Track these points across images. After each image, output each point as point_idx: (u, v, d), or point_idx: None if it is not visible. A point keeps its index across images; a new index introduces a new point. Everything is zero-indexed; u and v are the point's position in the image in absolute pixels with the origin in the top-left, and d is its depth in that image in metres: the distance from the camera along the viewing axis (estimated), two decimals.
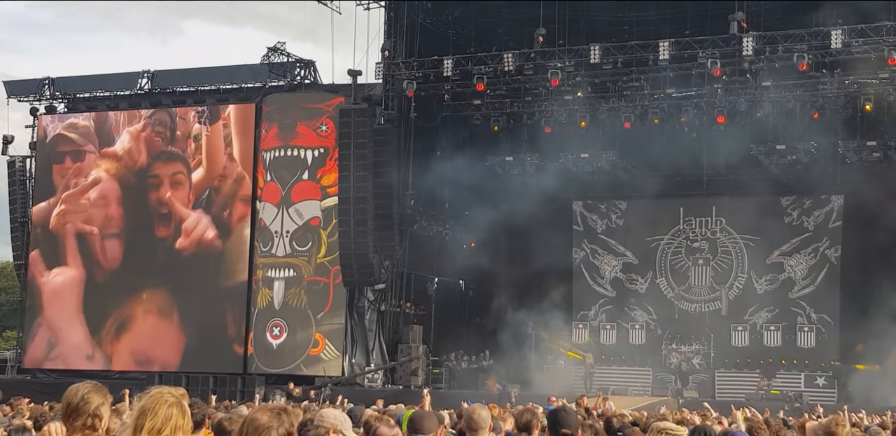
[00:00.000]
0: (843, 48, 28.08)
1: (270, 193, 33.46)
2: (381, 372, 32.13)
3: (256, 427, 4.30)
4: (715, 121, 32.59)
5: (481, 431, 6.38)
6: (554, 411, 6.66)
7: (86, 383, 4.82)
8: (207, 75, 36.54)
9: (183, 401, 4.60)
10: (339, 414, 6.68)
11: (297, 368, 32.25)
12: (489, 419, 6.49)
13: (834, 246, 34.27)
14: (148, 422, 4.37)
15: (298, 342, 32.44)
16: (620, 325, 36.02)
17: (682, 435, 5.14)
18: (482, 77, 31.20)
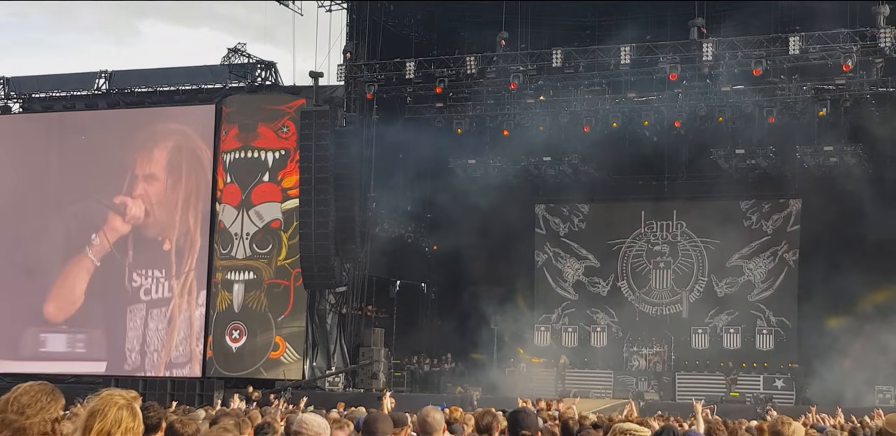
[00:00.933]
0: (800, 54, 28.32)
1: (230, 194, 33.29)
2: (342, 375, 32.04)
3: None
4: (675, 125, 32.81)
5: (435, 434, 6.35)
6: (513, 413, 6.66)
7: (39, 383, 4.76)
8: (166, 76, 36.29)
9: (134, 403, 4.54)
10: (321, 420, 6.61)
11: (257, 371, 32.10)
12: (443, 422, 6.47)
13: (792, 250, 34.58)
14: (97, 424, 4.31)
15: (258, 346, 32.29)
16: (582, 328, 36.14)
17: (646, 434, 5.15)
18: (443, 80, 31.21)
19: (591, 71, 30.92)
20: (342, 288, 32.65)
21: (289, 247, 32.40)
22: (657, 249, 36.09)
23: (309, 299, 32.43)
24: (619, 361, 34.29)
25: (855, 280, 29.91)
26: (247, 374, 32.10)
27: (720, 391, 31.25)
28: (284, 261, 32.52)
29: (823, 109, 30.42)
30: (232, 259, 32.98)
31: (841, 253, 31.69)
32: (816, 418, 15.14)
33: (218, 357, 32.77)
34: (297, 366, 32.09)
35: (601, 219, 36.84)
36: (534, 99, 33.08)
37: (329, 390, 31.07)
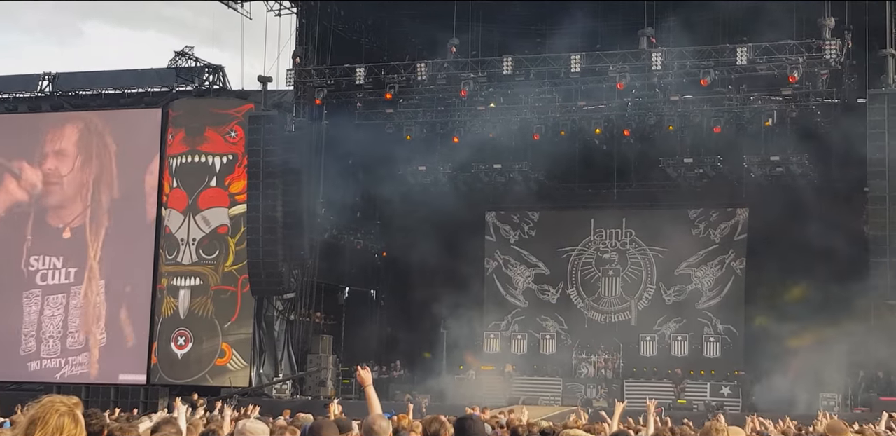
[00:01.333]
0: (748, 65, 28.57)
1: (176, 199, 32.98)
2: (289, 383, 31.82)
3: None
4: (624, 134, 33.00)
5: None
6: (460, 420, 6.60)
7: None
8: (112, 79, 35.87)
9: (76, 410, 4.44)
10: (263, 427, 6.52)
11: (203, 378, 31.80)
12: (389, 430, 6.38)
13: (739, 258, 34.85)
14: (38, 431, 4.22)
15: (204, 352, 31.99)
16: (532, 335, 36.17)
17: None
18: (393, 86, 31.13)
19: (541, 78, 30.96)
20: (290, 294, 32.44)
21: (236, 253, 32.16)
22: (606, 256, 36.23)
23: (256, 306, 32.21)
24: (568, 368, 34.35)
25: (801, 288, 30.23)
26: (192, 381, 31.79)
27: (668, 398, 31.37)
28: (231, 267, 32.27)
29: (770, 120, 30.70)
30: (178, 265, 32.66)
31: (787, 262, 31.99)
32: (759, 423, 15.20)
33: (163, 364, 32.42)
34: (243, 373, 31.83)
35: (551, 226, 36.92)
36: (484, 106, 33.10)
37: (276, 398, 30.84)
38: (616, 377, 33.47)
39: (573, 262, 36.57)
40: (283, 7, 33.25)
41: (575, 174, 35.68)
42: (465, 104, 33.21)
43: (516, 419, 12.73)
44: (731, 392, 31.74)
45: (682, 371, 32.99)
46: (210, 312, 32.21)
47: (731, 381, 32.31)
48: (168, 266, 32.91)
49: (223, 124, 32.94)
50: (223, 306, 32.23)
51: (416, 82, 31.15)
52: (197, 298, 32.37)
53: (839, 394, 28.69)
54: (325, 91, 31.56)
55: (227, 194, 32.62)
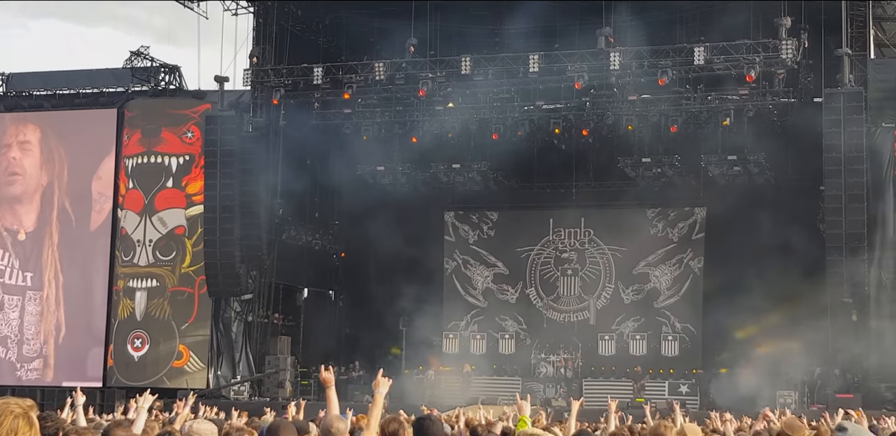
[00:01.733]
0: (705, 65, 28.71)
1: (132, 200, 32.68)
2: (247, 384, 31.60)
3: None
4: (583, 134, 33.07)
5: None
6: (420, 420, 6.54)
7: None
8: (66, 79, 35.47)
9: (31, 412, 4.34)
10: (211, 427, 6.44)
11: (160, 380, 31.52)
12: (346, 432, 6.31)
13: (697, 257, 35.01)
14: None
15: (161, 354, 31.72)
16: (491, 335, 36.15)
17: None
18: (351, 86, 31.02)
19: (499, 78, 30.96)
20: (248, 296, 32.25)
21: (193, 254, 31.91)
22: (565, 256, 36.28)
23: (214, 307, 31.98)
24: (528, 367, 34.35)
25: (758, 287, 30.39)
26: (149, 383, 31.43)
27: (627, 397, 31.44)
28: (188, 268, 32.02)
29: (727, 119, 30.87)
30: (134, 266, 32.37)
31: (744, 260, 32.17)
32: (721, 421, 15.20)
33: (119, 366, 32.12)
34: (201, 375, 31.60)
35: (510, 226, 36.93)
36: (442, 105, 33.04)
37: (234, 399, 30.60)
38: (575, 377, 33.53)
39: (532, 261, 36.60)
40: (239, 6, 33.06)
41: (534, 174, 35.72)
42: (423, 104, 33.15)
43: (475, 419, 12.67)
44: (689, 390, 31.88)
45: (641, 369, 33.09)
46: (167, 313, 31.95)
47: (690, 379, 32.45)
48: (124, 268, 32.60)
49: (179, 125, 32.68)
50: (180, 308, 31.97)
51: (374, 82, 31.05)
52: (153, 300, 32.09)
53: (796, 392, 28.88)
54: (282, 91, 31.40)
55: (183, 195, 32.37)
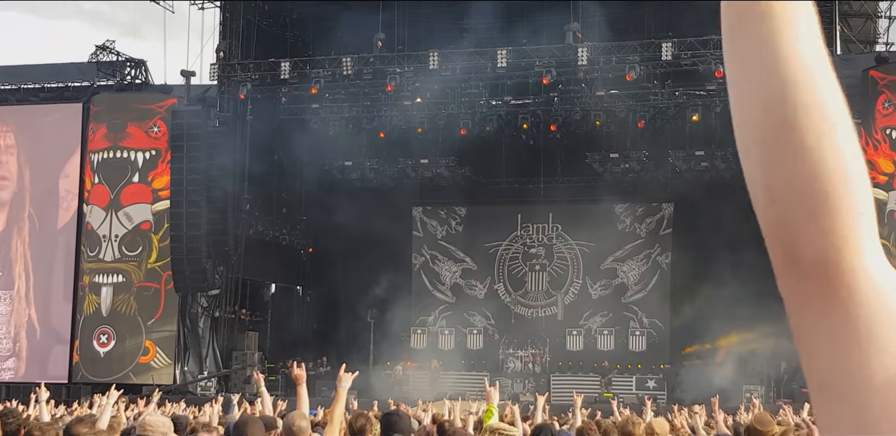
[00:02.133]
0: (672, 60, 28.79)
1: (98, 195, 32.43)
2: (214, 380, 31.46)
3: None
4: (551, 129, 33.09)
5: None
6: (387, 415, 6.52)
7: None
8: (32, 73, 35.15)
9: None
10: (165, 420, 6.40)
11: (126, 376, 31.31)
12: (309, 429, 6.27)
13: (665, 253, 35.14)
14: None
15: (127, 350, 31.52)
16: (459, 330, 36.15)
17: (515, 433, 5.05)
18: (318, 81, 30.90)
19: (467, 73, 30.93)
20: (215, 291, 32.10)
21: (159, 249, 31.72)
22: (533, 251, 36.32)
23: (180, 303, 31.81)
24: (496, 363, 34.37)
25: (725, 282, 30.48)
26: (115, 379, 31.25)
27: (594, 392, 31.51)
28: (155, 263, 31.82)
29: (696, 114, 30.97)
30: (100, 262, 32.13)
31: (712, 255, 32.29)
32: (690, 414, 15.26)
33: (85, 362, 31.89)
34: (167, 371, 31.43)
35: (478, 221, 36.92)
36: (410, 101, 32.97)
37: (201, 395, 30.43)
38: (543, 372, 33.56)
39: (500, 257, 36.62)
40: (205, 1, 32.86)
41: (502, 169, 35.70)
42: (391, 99, 33.06)
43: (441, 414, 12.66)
44: (656, 385, 31.97)
45: (608, 364, 33.15)
46: (133, 309, 31.74)
47: (657, 374, 32.56)
48: (90, 263, 32.36)
49: (146, 119, 32.46)
50: (146, 304, 31.78)
51: (342, 77, 30.96)
52: (120, 296, 31.87)
53: (762, 386, 29.06)
54: (249, 86, 31.25)
55: (149, 190, 32.16)
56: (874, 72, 28.51)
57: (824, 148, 1.06)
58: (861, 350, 1.04)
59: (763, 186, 1.10)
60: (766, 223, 1.12)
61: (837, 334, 1.06)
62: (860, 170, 1.09)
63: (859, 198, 1.08)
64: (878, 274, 1.07)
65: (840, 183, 1.06)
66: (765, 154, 1.09)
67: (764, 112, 1.08)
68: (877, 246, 1.09)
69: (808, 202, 1.07)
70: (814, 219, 1.06)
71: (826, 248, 1.07)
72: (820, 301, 1.07)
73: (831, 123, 1.07)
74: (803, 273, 1.08)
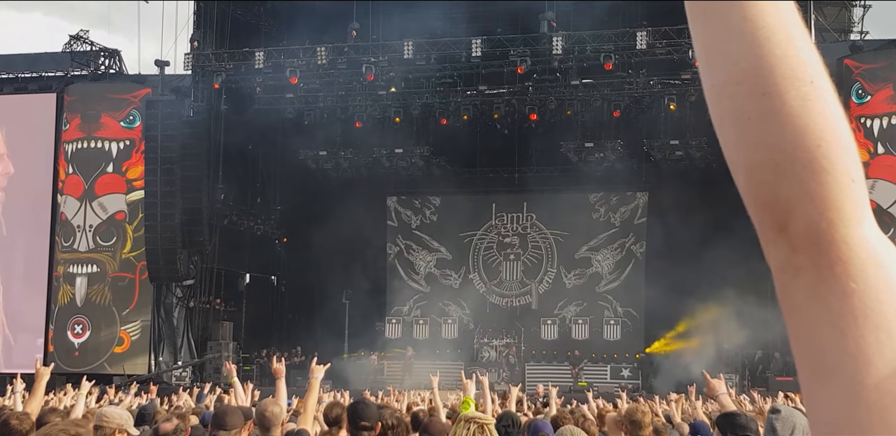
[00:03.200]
0: (647, 49, 28.84)
1: (72, 186, 32.27)
2: (188, 370, 31.39)
3: None
4: (526, 118, 33.09)
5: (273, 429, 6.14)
6: (353, 404, 6.53)
7: None
8: (5, 63, 34.91)
9: None
10: (122, 412, 6.40)
11: (101, 366, 31.21)
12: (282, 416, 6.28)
13: (639, 242, 35.26)
14: None
15: (102, 340, 31.41)
16: (434, 320, 36.18)
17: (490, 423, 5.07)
18: (295, 70, 30.80)
19: (442, 63, 30.90)
20: (189, 281, 32.02)
21: (134, 239, 31.60)
22: (507, 241, 36.37)
23: (155, 293, 31.71)
24: (470, 352, 34.41)
25: (699, 271, 30.61)
26: (90, 369, 31.14)
27: (569, 381, 31.64)
28: (129, 254, 31.70)
29: (672, 103, 31.05)
30: (74, 252, 31.99)
31: (686, 245, 32.40)
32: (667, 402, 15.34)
33: (59, 352, 31.75)
34: (142, 361, 31.35)
35: (453, 211, 36.93)
36: (385, 90, 32.93)
37: (175, 385, 30.36)
38: (518, 361, 33.63)
39: (475, 246, 36.67)
40: None
41: (476, 159, 35.72)
42: (365, 88, 33.02)
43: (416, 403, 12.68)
44: (630, 374, 32.11)
45: (581, 353, 33.24)
46: (108, 299, 31.63)
47: (631, 363, 32.69)
48: (64, 253, 32.21)
49: (120, 109, 32.29)
50: (121, 294, 31.67)
51: (316, 66, 30.87)
52: (94, 286, 31.74)
53: (736, 375, 29.22)
54: (223, 75, 31.15)
55: (124, 180, 32.02)
56: (849, 60, 28.64)
57: (809, 113, 1.01)
58: (857, 328, 0.97)
59: (747, 161, 1.05)
60: (751, 195, 1.06)
61: (831, 311, 0.99)
62: (847, 134, 1.03)
63: (850, 164, 1.02)
64: (876, 246, 1.00)
65: (829, 150, 1.00)
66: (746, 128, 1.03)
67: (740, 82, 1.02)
68: (871, 217, 1.02)
69: (797, 171, 1.00)
70: (804, 188, 1.00)
71: (818, 218, 1.00)
72: (812, 275, 1.00)
73: (814, 87, 1.01)
74: (794, 246, 1.01)
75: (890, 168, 27.57)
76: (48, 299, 32.59)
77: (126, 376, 30.45)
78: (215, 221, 32.76)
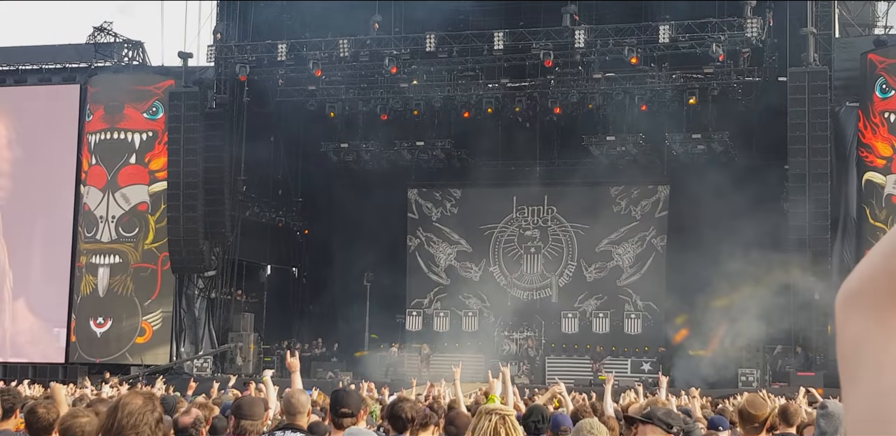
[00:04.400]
0: (670, 43, 28.74)
1: (95, 176, 32.44)
2: (209, 360, 31.52)
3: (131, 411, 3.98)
4: (548, 111, 33.05)
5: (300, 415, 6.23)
6: (335, 392, 6.65)
7: None
8: (30, 54, 35.13)
9: None
10: None
11: (123, 357, 31.42)
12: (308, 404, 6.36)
13: (660, 235, 35.16)
14: None
15: (124, 331, 31.60)
16: (454, 312, 36.18)
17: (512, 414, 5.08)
18: (315, 63, 30.83)
19: (464, 56, 30.88)
20: (211, 272, 32.14)
21: (156, 230, 31.75)
22: (528, 234, 36.34)
23: (177, 284, 31.88)
24: (491, 345, 34.38)
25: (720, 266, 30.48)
26: (112, 359, 31.40)
27: (589, 375, 31.64)
28: (151, 245, 31.86)
29: (693, 97, 30.96)
30: (97, 242, 32.16)
31: (707, 238, 32.29)
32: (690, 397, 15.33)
33: (81, 343, 31.97)
34: (164, 351, 31.52)
35: (473, 204, 36.92)
36: (407, 83, 32.94)
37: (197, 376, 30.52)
38: (538, 354, 33.62)
39: (495, 239, 36.65)
40: None
41: (497, 151, 35.68)
42: (387, 81, 33.04)
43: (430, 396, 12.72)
44: (651, 368, 32.05)
45: (602, 349, 33.19)
46: (130, 290, 31.80)
47: (652, 357, 32.64)
48: (87, 244, 32.39)
49: (143, 101, 32.43)
50: (143, 284, 31.83)
51: (339, 59, 30.90)
52: (116, 276, 31.91)
53: (758, 369, 29.14)
54: (246, 68, 31.19)
55: (146, 172, 32.17)
56: (873, 55, 28.48)
57: None
58: None
59: None
60: None
61: None
62: None
63: None
64: None
65: None
66: None
67: None
68: None
69: None
70: None
71: None
72: None
73: None
74: None
75: None
76: (70, 290, 32.78)
77: (145, 367, 30.62)
78: (237, 213, 32.88)
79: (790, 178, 28.20)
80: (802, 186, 27.64)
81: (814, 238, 27.61)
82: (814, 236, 27.60)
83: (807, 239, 27.66)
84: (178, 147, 30.86)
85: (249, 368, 31.26)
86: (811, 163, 27.55)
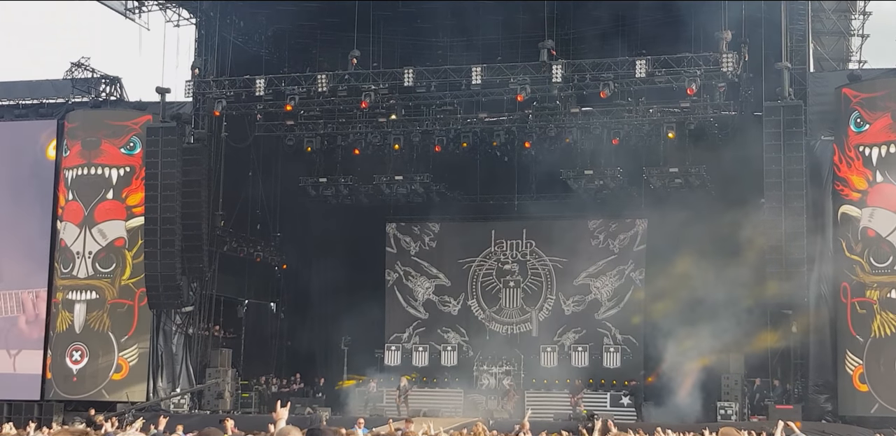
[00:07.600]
0: (646, 78, 28.92)
1: (72, 212, 32.28)
2: (187, 397, 31.28)
3: None
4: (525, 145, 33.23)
5: None
6: (310, 431, 6.65)
7: None
8: (6, 90, 35.05)
9: None
10: None
11: (99, 394, 31.11)
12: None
13: (638, 269, 35.24)
14: None
15: (100, 367, 31.30)
16: (433, 347, 36.14)
17: None
18: (293, 97, 30.86)
19: (442, 90, 31.01)
20: (188, 308, 31.94)
21: (133, 266, 31.57)
22: (507, 267, 36.37)
23: (154, 320, 31.64)
24: (470, 379, 34.31)
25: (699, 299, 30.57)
26: (88, 396, 31.09)
27: (568, 409, 31.55)
28: (129, 280, 31.67)
29: (672, 131, 31.15)
30: (73, 278, 31.95)
31: (685, 272, 32.35)
32: None
33: (57, 379, 31.66)
34: (140, 388, 31.21)
35: (452, 238, 36.97)
36: (385, 118, 33.06)
37: (174, 412, 30.28)
38: (517, 388, 33.50)
39: (474, 273, 36.66)
40: (181, 18, 32.86)
41: (476, 186, 35.82)
42: (366, 116, 33.16)
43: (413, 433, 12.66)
44: (630, 402, 32.01)
45: (581, 382, 33.12)
46: (106, 326, 31.56)
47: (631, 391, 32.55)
48: (63, 280, 32.18)
49: (120, 136, 32.36)
50: (120, 320, 31.61)
51: (317, 94, 30.95)
52: (93, 312, 31.67)
53: (736, 403, 29.10)
54: (224, 102, 31.17)
55: (124, 207, 32.03)
56: (847, 89, 28.73)
57: None
58: None
59: None
60: None
61: None
62: None
63: None
64: None
65: None
66: None
67: None
68: None
69: None
70: None
71: None
72: None
73: None
74: None
75: (888, 196, 27.59)
76: (46, 326, 32.53)
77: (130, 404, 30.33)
78: (215, 248, 32.77)
79: (767, 211, 28.29)
80: (779, 219, 27.73)
81: (790, 271, 27.65)
82: (791, 270, 27.65)
83: (783, 272, 27.71)
84: (156, 182, 30.77)
85: (227, 404, 31.00)
86: (787, 196, 27.66)
